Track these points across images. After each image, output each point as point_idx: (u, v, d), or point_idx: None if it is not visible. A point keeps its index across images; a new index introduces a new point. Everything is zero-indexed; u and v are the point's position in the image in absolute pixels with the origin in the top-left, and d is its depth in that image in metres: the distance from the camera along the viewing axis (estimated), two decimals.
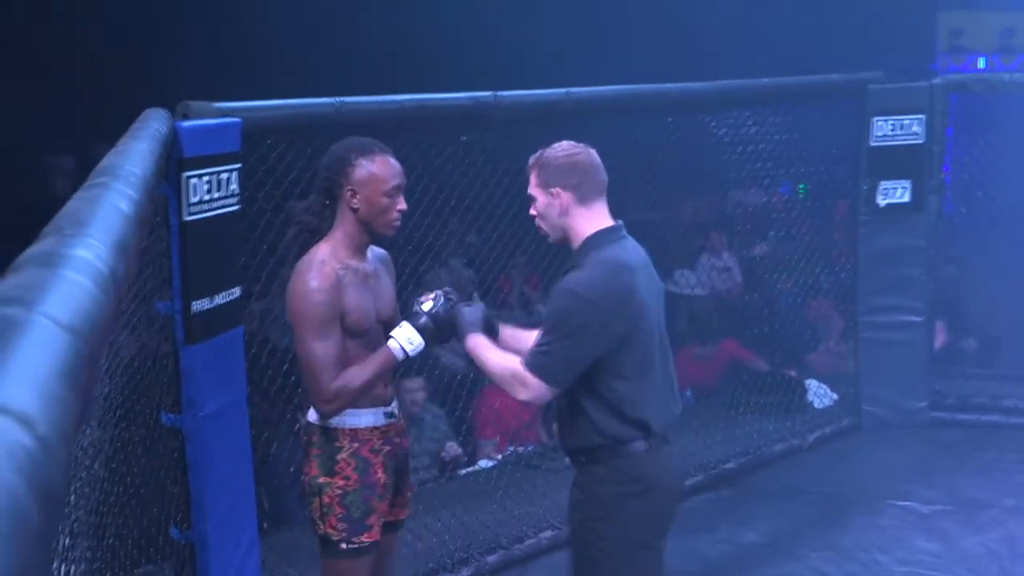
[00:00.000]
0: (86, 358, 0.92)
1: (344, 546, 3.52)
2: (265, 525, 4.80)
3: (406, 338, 3.48)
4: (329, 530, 3.52)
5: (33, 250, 1.23)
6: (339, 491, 3.50)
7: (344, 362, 3.46)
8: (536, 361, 3.25)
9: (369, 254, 3.62)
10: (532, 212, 3.42)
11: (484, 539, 5.29)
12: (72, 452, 0.84)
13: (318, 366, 3.41)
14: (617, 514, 3.31)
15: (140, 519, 3.88)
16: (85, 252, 1.25)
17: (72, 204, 1.59)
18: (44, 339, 0.90)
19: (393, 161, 3.52)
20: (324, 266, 3.44)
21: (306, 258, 3.49)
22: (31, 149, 7.71)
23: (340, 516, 3.51)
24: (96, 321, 1.05)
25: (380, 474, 3.56)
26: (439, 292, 3.59)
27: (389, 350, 3.47)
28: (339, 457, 3.51)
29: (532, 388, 3.26)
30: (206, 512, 3.90)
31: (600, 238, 3.32)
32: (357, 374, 3.45)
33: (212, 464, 3.91)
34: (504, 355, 3.41)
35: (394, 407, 3.65)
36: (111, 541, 3.43)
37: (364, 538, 3.53)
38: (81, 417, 0.86)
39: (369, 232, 3.52)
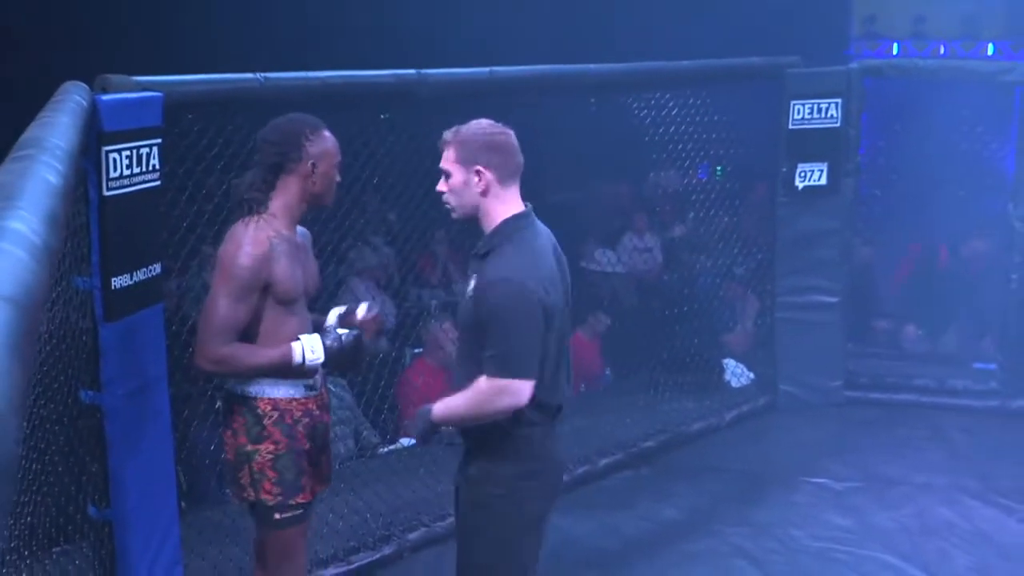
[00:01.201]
0: (28, 329, 0.91)
1: (278, 515, 3.55)
2: (183, 504, 4.75)
3: (310, 347, 3.51)
4: (264, 496, 3.54)
5: None
6: (269, 455, 3.54)
7: (268, 331, 3.51)
8: (499, 364, 3.18)
9: (297, 228, 3.64)
10: (441, 187, 3.35)
11: (405, 517, 5.29)
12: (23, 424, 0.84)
13: (216, 325, 3.44)
14: (516, 493, 3.33)
15: (58, 497, 3.82)
16: (19, 224, 1.23)
17: (0, 176, 1.57)
18: None
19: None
20: (259, 232, 3.47)
21: (241, 223, 3.50)
22: None
23: (274, 480, 3.54)
24: (34, 293, 1.04)
25: (304, 441, 3.59)
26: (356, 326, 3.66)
27: (290, 350, 3.49)
28: (265, 423, 3.54)
29: (512, 389, 3.17)
30: (125, 490, 3.86)
31: (515, 222, 3.30)
32: (251, 356, 3.49)
33: (131, 442, 3.86)
34: (460, 394, 3.31)
35: (316, 381, 3.68)
36: (28, 520, 3.37)
37: (299, 499, 3.58)
38: (28, 389, 0.85)
39: (313, 204, 3.61)
